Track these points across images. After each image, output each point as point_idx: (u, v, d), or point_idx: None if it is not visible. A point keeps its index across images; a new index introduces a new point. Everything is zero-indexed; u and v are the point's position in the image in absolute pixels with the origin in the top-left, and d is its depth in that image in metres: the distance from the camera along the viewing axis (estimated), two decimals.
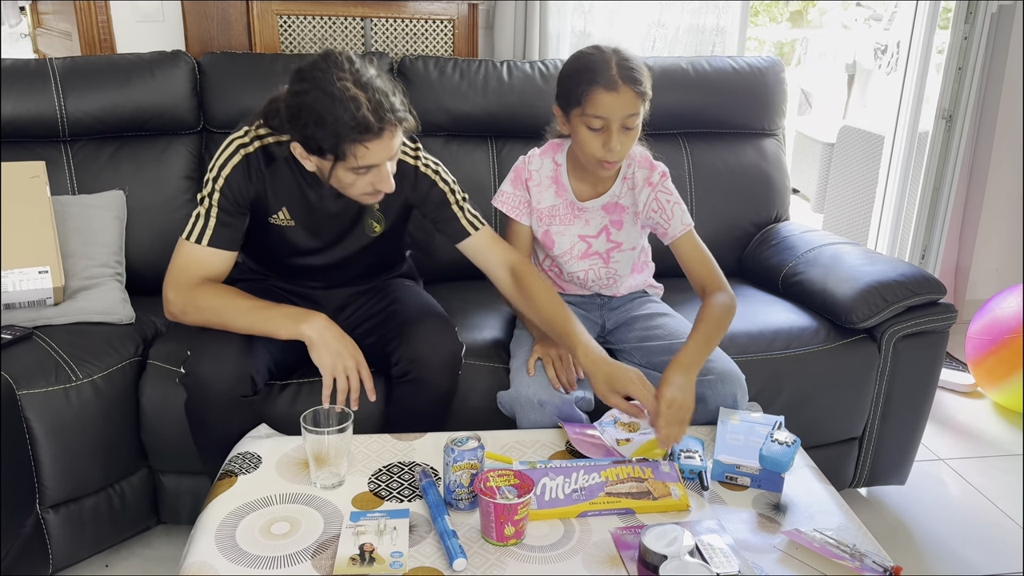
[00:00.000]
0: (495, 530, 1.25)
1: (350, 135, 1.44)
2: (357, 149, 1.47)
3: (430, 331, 1.69)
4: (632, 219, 1.83)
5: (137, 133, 2.21)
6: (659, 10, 2.78)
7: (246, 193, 1.65)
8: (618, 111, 1.60)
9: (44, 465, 1.70)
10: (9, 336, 1.76)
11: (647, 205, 1.79)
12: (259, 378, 1.63)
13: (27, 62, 2.15)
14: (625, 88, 1.59)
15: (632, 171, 1.81)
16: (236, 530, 1.28)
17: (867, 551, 1.26)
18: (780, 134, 2.59)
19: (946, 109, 3.11)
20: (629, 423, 1.59)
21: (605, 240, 1.84)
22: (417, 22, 2.52)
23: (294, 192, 1.69)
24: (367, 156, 1.48)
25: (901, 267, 2.09)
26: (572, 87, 1.64)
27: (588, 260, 1.86)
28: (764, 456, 1.41)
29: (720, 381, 1.66)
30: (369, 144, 1.47)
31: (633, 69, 1.61)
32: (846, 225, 3.86)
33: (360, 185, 1.55)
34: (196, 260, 1.65)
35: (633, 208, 1.82)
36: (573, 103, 1.64)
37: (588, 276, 1.87)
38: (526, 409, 1.65)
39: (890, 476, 2.20)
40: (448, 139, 2.37)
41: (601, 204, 1.82)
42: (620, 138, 1.63)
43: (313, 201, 1.70)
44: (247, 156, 1.64)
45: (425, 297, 1.86)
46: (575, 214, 1.83)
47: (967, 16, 2.99)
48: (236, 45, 2.48)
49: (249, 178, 1.65)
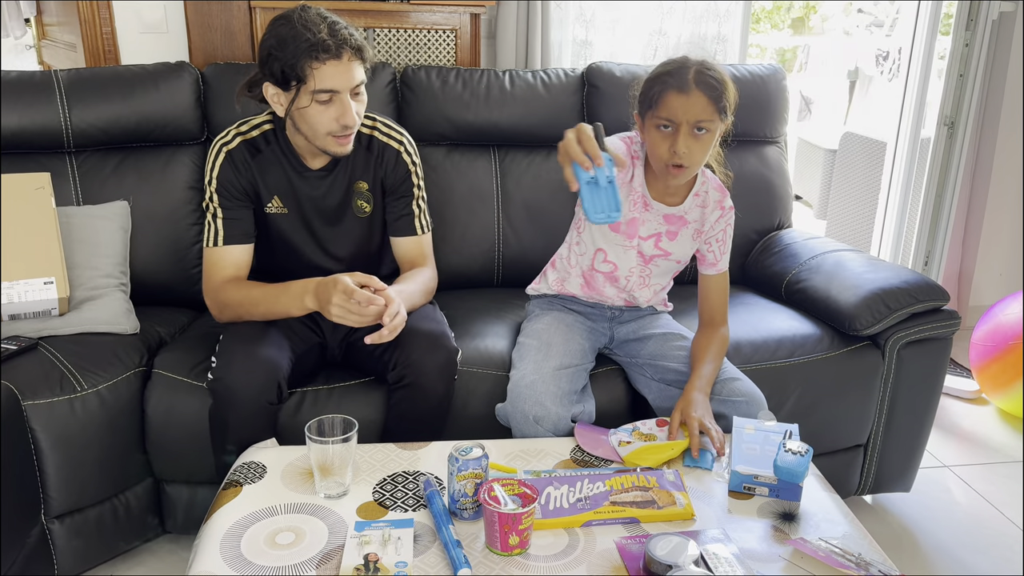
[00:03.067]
0: (499, 540, 1.25)
1: (308, 53, 1.57)
2: (315, 69, 1.59)
3: (425, 336, 1.71)
4: (691, 234, 1.80)
5: (141, 144, 2.22)
6: (660, 18, 2.79)
7: (239, 184, 1.76)
8: (687, 113, 1.57)
9: (49, 475, 1.71)
10: (14, 347, 1.77)
11: (715, 229, 1.79)
12: (285, 385, 1.67)
13: (32, 74, 2.16)
14: (697, 92, 1.57)
15: (706, 188, 1.80)
16: (241, 540, 1.28)
17: (873, 560, 1.26)
18: (782, 141, 2.60)
19: (948, 116, 3.12)
20: (648, 433, 1.59)
21: (653, 245, 1.80)
22: (420, 32, 2.53)
23: (282, 180, 1.79)
24: (325, 78, 1.60)
25: (904, 274, 2.09)
26: (649, 91, 1.63)
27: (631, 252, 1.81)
28: (779, 467, 1.41)
29: (747, 404, 1.69)
30: (327, 64, 1.59)
31: (710, 75, 1.59)
32: (849, 231, 3.86)
33: (325, 121, 1.64)
34: (218, 262, 1.78)
35: (697, 225, 1.79)
36: (648, 106, 1.63)
37: (623, 268, 1.82)
38: (522, 425, 1.66)
39: (895, 483, 2.19)
40: (451, 148, 2.38)
41: (664, 212, 1.77)
42: (688, 141, 1.59)
43: (301, 186, 1.80)
44: (230, 152, 1.76)
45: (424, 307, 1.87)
46: (642, 215, 1.76)
47: (968, 23, 3.00)
48: (240, 56, 2.49)
49: (237, 171, 1.76)
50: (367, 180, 1.84)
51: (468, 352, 1.90)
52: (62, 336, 1.86)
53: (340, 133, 1.67)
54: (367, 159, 1.84)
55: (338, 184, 1.82)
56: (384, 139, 1.85)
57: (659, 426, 1.60)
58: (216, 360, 1.67)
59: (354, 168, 1.83)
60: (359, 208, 1.84)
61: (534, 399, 1.65)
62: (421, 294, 1.84)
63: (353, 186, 1.83)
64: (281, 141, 1.78)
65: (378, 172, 1.85)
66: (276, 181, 1.79)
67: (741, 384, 1.72)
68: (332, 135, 1.67)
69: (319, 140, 1.69)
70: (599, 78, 2.41)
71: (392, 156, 1.84)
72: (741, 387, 1.71)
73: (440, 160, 2.36)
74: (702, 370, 1.69)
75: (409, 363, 1.67)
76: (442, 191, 2.33)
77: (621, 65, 2.44)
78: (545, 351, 1.75)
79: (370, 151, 1.83)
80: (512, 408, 1.68)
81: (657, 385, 1.81)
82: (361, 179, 1.84)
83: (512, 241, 2.37)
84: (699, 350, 1.76)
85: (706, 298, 1.84)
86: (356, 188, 1.84)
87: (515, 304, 2.16)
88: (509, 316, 2.10)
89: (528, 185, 2.39)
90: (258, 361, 1.63)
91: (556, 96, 2.40)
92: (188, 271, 2.22)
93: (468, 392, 1.84)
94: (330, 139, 1.68)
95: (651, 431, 1.59)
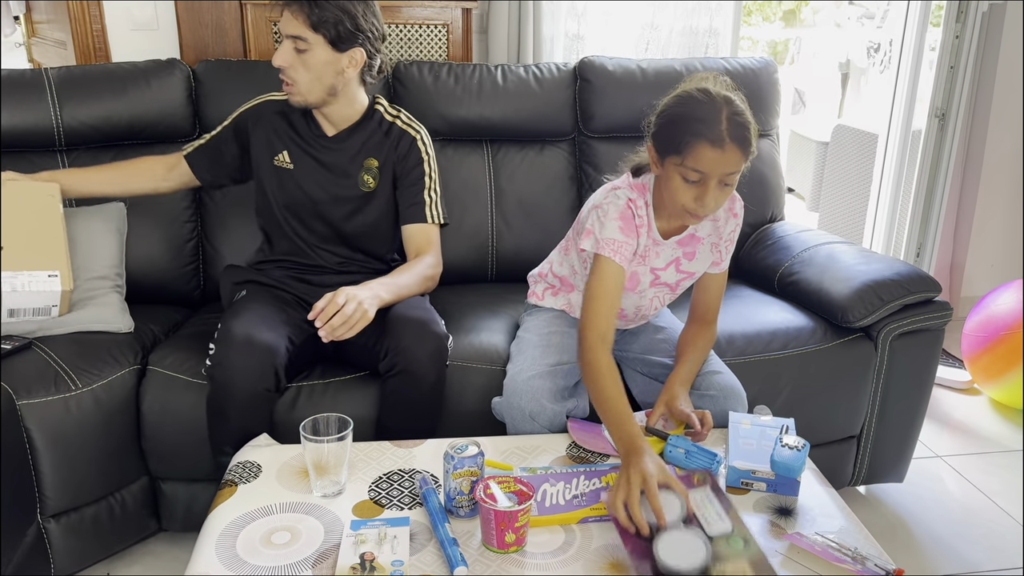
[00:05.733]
0: (496, 537, 1.25)
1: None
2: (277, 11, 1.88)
3: (414, 322, 1.72)
4: (709, 248, 1.73)
5: (133, 142, 2.21)
6: (652, 12, 2.79)
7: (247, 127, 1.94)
8: (720, 168, 1.47)
9: (45, 474, 1.71)
10: (8, 346, 1.76)
11: (731, 235, 1.74)
12: (283, 373, 1.69)
13: (23, 72, 2.15)
14: (732, 146, 1.46)
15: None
16: (237, 540, 1.28)
17: (869, 554, 1.26)
18: (774, 134, 2.60)
19: (939, 108, 3.12)
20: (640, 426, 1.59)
21: (675, 271, 1.74)
22: (411, 27, 2.52)
23: (297, 139, 1.92)
24: (279, 20, 1.80)
25: (896, 266, 2.10)
26: (675, 134, 1.49)
27: (655, 289, 1.76)
28: (776, 462, 1.42)
29: (723, 397, 1.68)
30: (277, 8, 1.83)
31: (744, 126, 1.47)
32: (841, 223, 3.87)
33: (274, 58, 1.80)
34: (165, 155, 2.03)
35: (712, 238, 1.73)
36: (672, 150, 1.50)
37: (652, 303, 1.79)
38: (517, 420, 1.66)
39: (888, 474, 2.21)
40: (444, 144, 2.38)
41: (676, 239, 1.71)
42: (716, 194, 1.50)
43: (312, 146, 1.91)
44: (260, 104, 1.96)
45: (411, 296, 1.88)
46: (654, 250, 1.70)
47: (958, 15, 3.00)
48: (231, 52, 2.48)
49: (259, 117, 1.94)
50: (378, 158, 1.91)
51: (463, 347, 1.90)
52: (57, 336, 1.85)
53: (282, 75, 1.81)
54: (383, 140, 1.92)
55: (348, 154, 1.90)
56: (403, 127, 1.94)
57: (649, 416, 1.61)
58: (214, 347, 1.69)
59: (368, 144, 1.91)
60: (364, 182, 1.90)
61: (530, 395, 1.65)
62: (417, 283, 1.86)
63: (363, 160, 1.90)
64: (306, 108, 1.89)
65: (391, 154, 1.92)
66: (291, 138, 1.91)
67: (721, 378, 1.71)
68: (281, 79, 1.82)
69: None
70: (591, 72, 2.41)
71: (407, 142, 1.92)
72: (721, 381, 1.70)
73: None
74: (686, 364, 1.67)
75: (399, 350, 1.69)
76: None
77: (613, 59, 2.44)
78: (544, 347, 1.75)
79: (388, 135, 1.92)
80: (508, 404, 1.68)
81: (642, 378, 1.81)
82: (372, 156, 1.91)
83: (506, 236, 2.37)
84: (686, 344, 1.73)
85: (704, 293, 1.78)
86: (366, 164, 1.90)
87: (509, 299, 2.17)
88: (503, 311, 2.11)
89: (521, 180, 2.39)
90: (255, 346, 1.64)
91: (548, 90, 2.40)
92: (182, 268, 2.22)
93: (463, 387, 1.84)
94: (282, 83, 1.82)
95: (641, 422, 1.60)
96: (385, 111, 1.94)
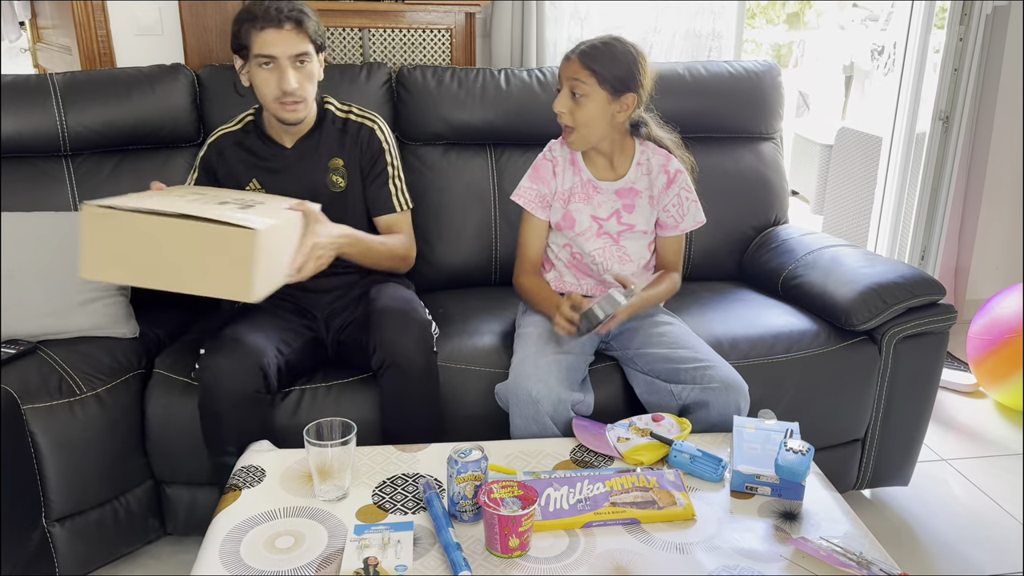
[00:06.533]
0: (499, 542, 1.25)
1: (248, 23, 1.75)
2: (256, 36, 1.74)
3: (395, 312, 1.75)
4: (647, 203, 1.91)
5: (138, 146, 2.21)
6: (655, 16, 2.79)
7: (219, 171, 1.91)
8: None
9: (49, 479, 1.71)
10: (13, 351, 1.77)
11: (667, 196, 1.90)
12: (271, 373, 1.69)
13: (27, 77, 2.16)
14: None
15: (647, 157, 1.91)
16: (241, 544, 1.29)
17: (874, 559, 1.26)
18: (778, 137, 2.60)
19: (943, 110, 3.12)
20: (644, 428, 1.60)
21: (616, 223, 1.91)
22: (415, 32, 2.53)
23: (260, 163, 1.90)
24: (265, 43, 1.74)
25: (900, 268, 2.10)
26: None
27: (600, 240, 1.92)
28: (780, 466, 1.41)
29: (724, 390, 1.68)
30: (267, 32, 1.73)
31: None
32: (846, 226, 3.87)
33: (269, 87, 1.77)
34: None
35: (649, 192, 1.91)
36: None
37: (602, 255, 1.92)
38: (521, 403, 1.65)
39: (893, 477, 2.20)
40: (447, 148, 2.38)
41: (615, 188, 1.90)
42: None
43: (276, 165, 1.90)
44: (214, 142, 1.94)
45: (392, 286, 1.91)
46: (590, 194, 1.91)
47: (962, 17, 3.00)
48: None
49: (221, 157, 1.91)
50: (341, 156, 1.93)
51: (466, 350, 1.90)
52: (61, 340, 1.86)
53: (284, 100, 1.78)
54: (342, 138, 1.93)
55: (312, 161, 1.91)
56: (358, 119, 1.95)
57: (655, 421, 1.61)
58: (203, 351, 1.71)
59: (328, 146, 1.92)
60: (333, 183, 1.91)
61: (537, 376, 1.66)
62: (386, 254, 1.91)
63: (328, 163, 1.91)
64: (260, 126, 1.91)
65: (353, 150, 1.93)
66: (254, 164, 1.90)
67: (718, 371, 1.71)
68: (278, 101, 1.78)
69: (269, 106, 1.81)
70: None
71: (367, 133, 1.94)
72: (720, 374, 1.70)
73: (436, 160, 2.36)
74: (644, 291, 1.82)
75: (383, 342, 1.71)
76: (439, 190, 2.33)
77: None
78: (546, 337, 1.78)
79: (345, 131, 1.93)
80: (514, 386, 1.68)
81: (644, 378, 1.81)
82: (336, 155, 1.92)
83: (509, 240, 2.37)
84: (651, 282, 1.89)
85: (663, 252, 1.97)
86: (331, 165, 1.91)
87: (512, 302, 2.17)
88: (506, 314, 2.11)
89: None
90: (241, 347, 1.67)
91: (552, 94, 2.38)
92: None
93: (465, 390, 1.85)
94: (277, 105, 1.79)
95: (647, 425, 1.60)
96: (336, 108, 1.95)
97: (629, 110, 1.80)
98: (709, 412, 1.68)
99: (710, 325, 2.04)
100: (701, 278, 2.42)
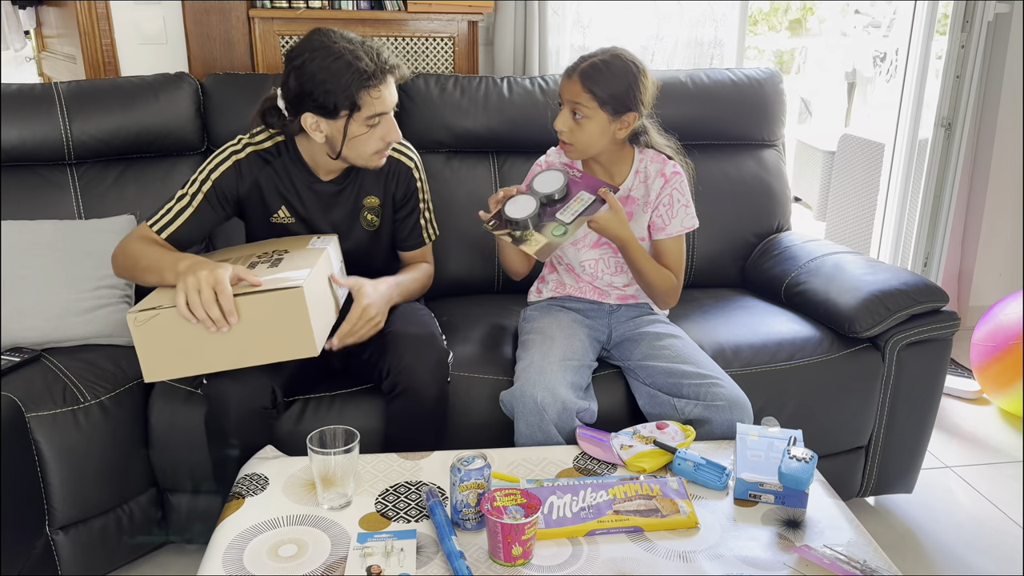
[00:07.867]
0: (503, 550, 1.25)
1: (361, 83, 1.61)
2: (369, 95, 1.63)
3: (414, 339, 1.73)
4: (642, 209, 1.89)
5: (142, 155, 2.22)
6: (657, 24, 2.80)
7: (236, 193, 1.78)
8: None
9: (53, 487, 1.71)
10: (17, 359, 1.77)
11: (660, 197, 1.88)
12: (280, 391, 1.68)
13: (32, 86, 2.17)
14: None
15: (644, 164, 1.91)
16: (244, 552, 1.29)
17: (878, 566, 1.26)
18: (780, 145, 2.60)
19: (945, 117, 3.12)
20: (648, 436, 1.59)
21: None
22: (418, 40, 2.54)
23: (292, 191, 1.81)
24: (378, 102, 1.65)
25: (903, 276, 2.10)
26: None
27: (598, 250, 1.92)
28: (783, 474, 1.41)
29: (729, 408, 1.68)
30: (379, 88, 1.64)
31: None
32: (849, 233, 3.86)
33: (372, 142, 1.69)
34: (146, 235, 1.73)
35: (644, 199, 1.89)
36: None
37: (599, 266, 1.93)
38: (527, 410, 1.65)
39: (897, 484, 2.20)
40: (450, 156, 2.39)
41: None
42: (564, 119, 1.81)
43: (310, 198, 1.83)
44: (239, 161, 1.77)
45: (412, 309, 1.88)
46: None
47: (964, 24, 3.00)
48: (239, 66, 2.50)
49: (241, 179, 1.78)
50: (378, 195, 1.88)
51: (469, 358, 1.90)
52: (65, 348, 1.86)
53: (385, 149, 1.74)
54: (377, 175, 1.87)
55: (347, 197, 1.86)
56: (397, 155, 1.89)
57: (659, 428, 1.61)
58: None
59: (364, 183, 1.86)
60: (368, 222, 1.88)
61: (542, 383, 1.66)
62: (419, 289, 1.94)
63: (363, 200, 1.87)
64: (292, 152, 1.80)
65: (389, 187, 1.89)
66: (286, 191, 1.81)
67: (726, 390, 1.71)
68: (378, 152, 1.73)
69: (363, 160, 1.74)
70: None
71: (405, 172, 1.90)
72: (726, 392, 1.70)
73: (439, 167, 2.36)
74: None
75: (400, 368, 1.69)
76: (442, 198, 2.33)
77: None
78: (549, 344, 1.78)
79: (382, 168, 1.84)
80: (520, 394, 1.67)
81: (647, 390, 1.81)
82: (372, 194, 1.87)
83: None
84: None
85: (658, 260, 1.89)
86: (366, 203, 1.87)
87: (515, 310, 2.17)
88: (510, 322, 2.11)
89: None
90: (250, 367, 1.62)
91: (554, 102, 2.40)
92: None
93: (469, 398, 1.85)
94: (375, 156, 1.74)
95: (651, 434, 1.60)
96: None
97: (629, 127, 1.80)
98: (712, 429, 1.68)
99: (713, 332, 2.04)
100: (704, 285, 2.42)
